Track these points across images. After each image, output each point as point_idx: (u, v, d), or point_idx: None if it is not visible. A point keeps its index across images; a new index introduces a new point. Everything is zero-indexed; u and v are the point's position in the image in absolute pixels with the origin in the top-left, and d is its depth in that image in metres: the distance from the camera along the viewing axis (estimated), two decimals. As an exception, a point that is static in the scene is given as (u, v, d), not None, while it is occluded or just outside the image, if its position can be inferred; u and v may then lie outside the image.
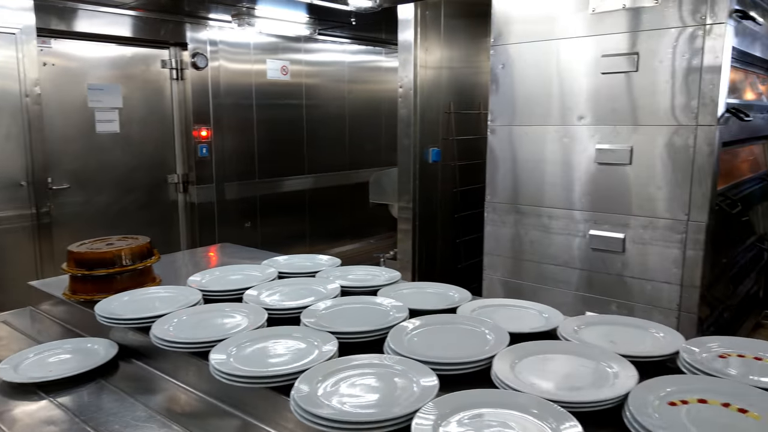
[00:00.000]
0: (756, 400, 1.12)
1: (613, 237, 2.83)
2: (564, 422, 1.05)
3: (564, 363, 1.33)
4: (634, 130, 2.74)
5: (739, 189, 3.21)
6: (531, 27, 3.01)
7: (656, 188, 2.70)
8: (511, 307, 1.73)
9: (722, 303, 3.05)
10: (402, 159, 3.56)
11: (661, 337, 1.47)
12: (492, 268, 3.30)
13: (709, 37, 2.50)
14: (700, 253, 2.61)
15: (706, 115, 2.54)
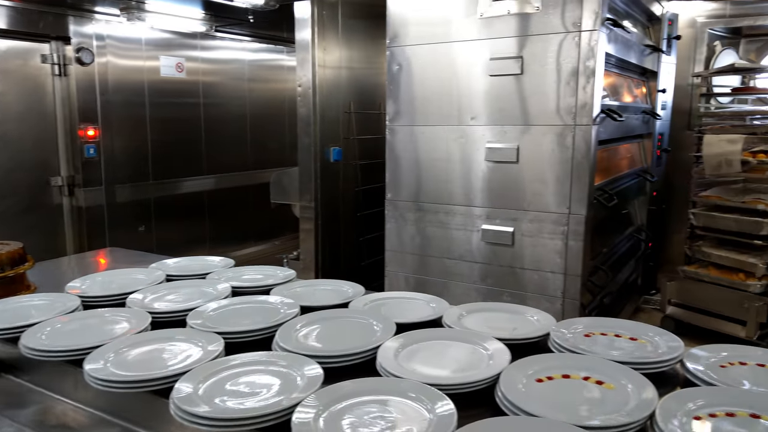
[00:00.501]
0: (611, 372, 1.23)
1: (504, 231, 2.98)
2: (437, 402, 1.10)
3: (444, 349, 1.39)
4: (520, 130, 2.90)
5: (616, 184, 3.48)
6: (426, 29, 3.10)
7: (541, 184, 2.87)
8: (401, 300, 1.78)
9: (603, 289, 3.29)
10: (303, 158, 3.56)
11: (535, 321, 1.57)
12: (394, 264, 3.36)
13: (584, 43, 2.70)
14: (581, 244, 2.81)
15: (583, 116, 2.74)
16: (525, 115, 2.88)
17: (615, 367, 1.25)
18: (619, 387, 1.19)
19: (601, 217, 3.20)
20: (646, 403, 1.10)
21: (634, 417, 1.06)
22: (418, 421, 1.06)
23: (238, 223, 5.20)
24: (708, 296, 4.02)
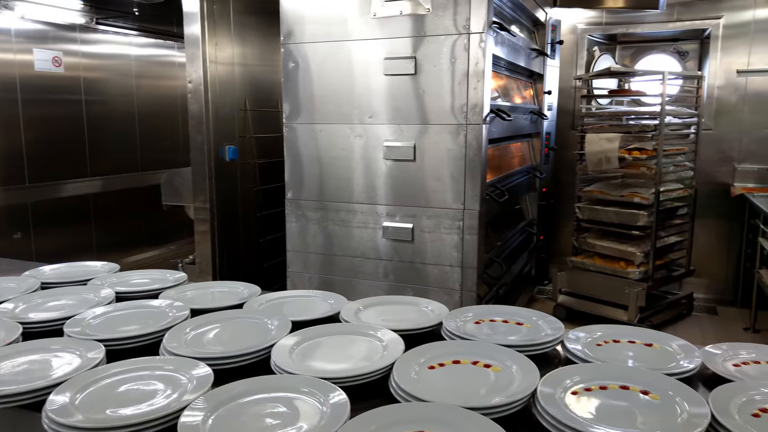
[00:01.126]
0: (498, 356, 1.29)
1: (404, 227, 3.04)
2: (330, 394, 1.10)
3: (340, 343, 1.39)
4: (416, 129, 2.96)
5: (508, 181, 3.65)
6: (322, 28, 3.09)
7: (437, 181, 2.95)
8: (298, 298, 1.75)
9: (499, 281, 3.44)
10: (195, 157, 3.42)
11: (429, 311, 1.61)
12: (296, 264, 3.32)
13: (472, 45, 2.80)
14: (476, 238, 2.92)
15: (474, 115, 2.84)
16: (421, 114, 2.95)
17: (501, 350, 1.31)
18: (505, 369, 1.24)
19: (494, 212, 3.34)
20: (529, 382, 1.16)
21: (518, 396, 1.11)
22: (310, 415, 1.05)
23: (128, 228, 4.90)
24: (594, 284, 4.32)
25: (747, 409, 1.07)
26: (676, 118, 4.43)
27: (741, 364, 1.31)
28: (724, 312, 4.82)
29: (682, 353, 1.34)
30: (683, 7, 4.88)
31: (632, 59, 5.43)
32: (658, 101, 4.07)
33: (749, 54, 4.79)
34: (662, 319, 4.36)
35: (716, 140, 4.93)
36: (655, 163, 4.08)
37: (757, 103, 4.82)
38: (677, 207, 4.50)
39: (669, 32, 5.10)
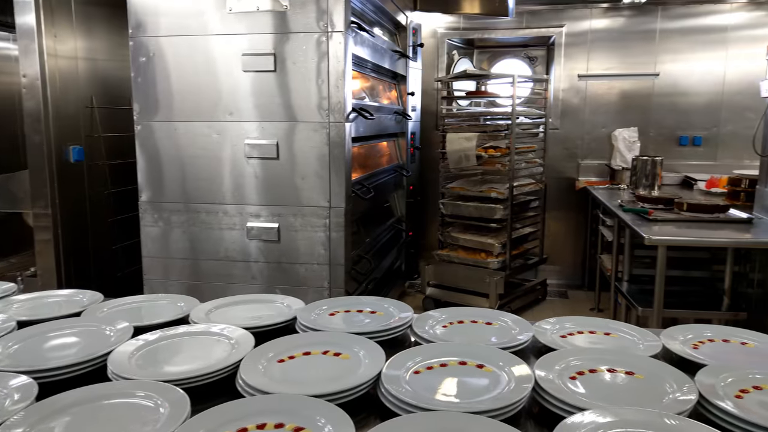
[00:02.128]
0: (348, 344, 1.31)
1: (270, 227, 2.99)
2: (169, 396, 1.05)
3: (187, 345, 1.34)
4: (279, 126, 2.93)
5: (374, 179, 3.73)
6: (178, 20, 2.96)
7: (302, 179, 2.94)
8: (147, 303, 1.67)
9: (367, 277, 3.50)
10: (33, 159, 3.12)
11: (284, 306, 1.60)
12: (155, 271, 3.15)
13: (332, 44, 2.83)
14: (342, 235, 2.94)
15: (336, 113, 2.87)
16: (283, 112, 2.92)
17: (352, 338, 1.33)
18: (354, 356, 1.26)
19: (361, 210, 3.40)
20: (375, 366, 1.19)
21: (363, 380, 1.13)
22: (145, 421, 1.00)
23: (-42, 241, 4.35)
24: (458, 275, 4.55)
25: (566, 372, 1.18)
26: (526, 118, 4.79)
27: (567, 335, 1.44)
28: (573, 295, 5.30)
29: (517, 328, 1.44)
30: (531, 16, 5.29)
31: (489, 63, 5.79)
32: (510, 102, 4.37)
33: (588, 60, 5.30)
34: (520, 305, 4.70)
35: (562, 139, 5.40)
36: (508, 160, 4.38)
37: (596, 104, 5.35)
38: (530, 200, 4.87)
39: (520, 38, 5.50)
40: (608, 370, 1.20)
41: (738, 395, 1.08)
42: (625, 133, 5.21)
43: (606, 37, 5.24)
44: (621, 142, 5.19)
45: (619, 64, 5.25)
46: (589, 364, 1.21)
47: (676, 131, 5.27)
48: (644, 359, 1.24)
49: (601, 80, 5.31)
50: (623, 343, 1.38)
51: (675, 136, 5.29)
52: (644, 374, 1.17)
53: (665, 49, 5.17)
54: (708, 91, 5.16)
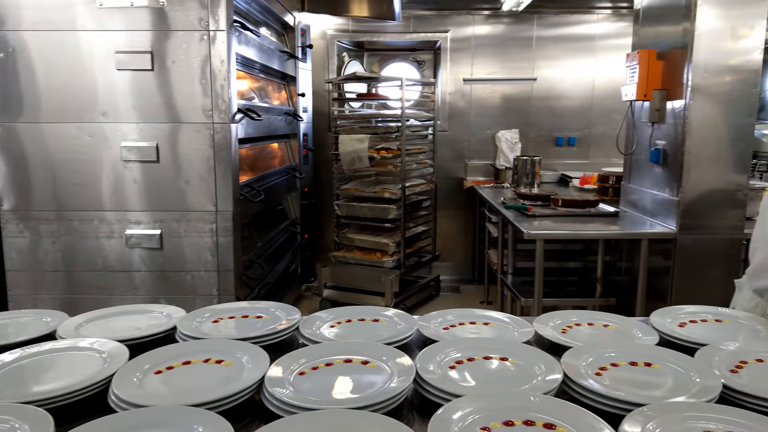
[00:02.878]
0: (231, 350, 1.27)
1: (151, 234, 2.84)
2: (27, 416, 0.97)
3: (46, 363, 1.24)
4: (159, 128, 2.80)
5: (265, 181, 3.66)
6: (43, 14, 2.74)
7: (185, 183, 2.82)
8: (7, 320, 1.52)
9: (260, 282, 3.43)
10: None
11: (164, 316, 1.52)
12: (21, 286, 2.89)
13: (214, 43, 2.74)
14: (230, 240, 2.86)
15: (221, 114, 2.79)
16: (164, 113, 2.79)
17: (235, 344, 1.30)
18: (237, 362, 1.23)
19: (252, 213, 3.32)
20: (259, 370, 1.17)
21: (246, 384, 1.11)
22: (-2, 447, 0.91)
23: None
24: (355, 276, 4.58)
25: (446, 362, 1.23)
26: (416, 120, 4.93)
27: (449, 327, 1.49)
28: (465, 290, 5.52)
29: (402, 324, 1.48)
30: (418, 21, 5.44)
31: (379, 65, 5.88)
32: (400, 105, 4.47)
33: (472, 65, 5.54)
34: (415, 301, 4.82)
35: (451, 140, 5.61)
36: (400, 161, 4.48)
37: (481, 107, 5.60)
38: (422, 200, 5.01)
39: (408, 42, 5.64)
40: (485, 357, 1.26)
41: (598, 373, 1.17)
42: (508, 134, 5.51)
43: (488, 43, 5.51)
44: (504, 143, 5.48)
45: (500, 69, 5.53)
46: (467, 353, 1.26)
47: (553, 132, 5.64)
48: (518, 345, 1.32)
49: (484, 84, 5.57)
50: (500, 332, 1.46)
51: (552, 137, 5.66)
52: (517, 359, 1.24)
53: (542, 56, 5.53)
54: (580, 95, 5.58)
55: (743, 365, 1.21)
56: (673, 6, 3.09)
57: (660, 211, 3.20)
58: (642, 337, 1.39)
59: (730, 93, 2.93)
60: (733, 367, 1.20)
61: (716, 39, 2.88)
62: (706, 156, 2.94)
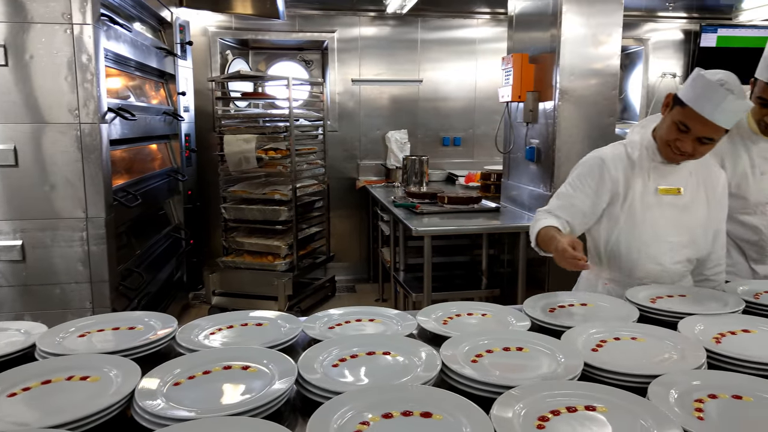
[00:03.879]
0: (98, 365, 1.18)
1: (10, 245, 2.59)
2: None
3: None
4: (17, 129, 2.55)
5: (143, 184, 3.46)
6: None
7: (50, 188, 2.60)
8: None
9: (140, 292, 3.23)
10: None
11: (21, 333, 1.39)
12: None
13: (80, 38, 2.54)
14: (104, 248, 2.67)
15: (89, 114, 2.59)
16: (22, 112, 2.55)
17: (102, 359, 1.21)
18: (105, 377, 1.15)
19: (128, 219, 3.13)
20: (129, 384, 1.09)
21: (114, 400, 1.03)
22: None
23: None
24: (246, 281, 4.45)
25: (329, 361, 1.22)
26: (306, 120, 4.88)
27: (335, 326, 1.49)
28: (361, 288, 5.56)
29: (287, 326, 1.45)
30: (304, 20, 5.39)
31: (266, 64, 5.77)
32: (288, 104, 4.41)
33: (360, 65, 5.58)
34: (310, 303, 4.77)
35: (342, 140, 5.62)
36: (289, 161, 4.41)
37: (370, 108, 5.66)
38: (314, 201, 4.97)
39: (295, 41, 5.58)
40: (368, 353, 1.26)
41: (474, 360, 1.22)
42: (397, 134, 5.61)
43: (375, 45, 5.58)
44: (393, 143, 5.58)
45: (387, 70, 5.63)
46: (350, 351, 1.26)
47: (440, 133, 5.83)
48: (400, 339, 1.34)
49: (372, 85, 5.63)
50: (384, 327, 1.47)
51: (439, 137, 5.84)
52: (399, 352, 1.26)
53: (427, 58, 5.69)
54: (464, 96, 5.80)
55: (603, 344, 1.31)
56: (541, 13, 3.31)
57: (536, 206, 3.39)
58: (516, 323, 1.47)
59: (593, 95, 3.18)
60: (594, 346, 1.29)
61: (580, 45, 3.12)
62: (573, 153, 3.16)
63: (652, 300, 1.62)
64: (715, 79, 1.53)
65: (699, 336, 1.34)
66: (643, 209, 1.74)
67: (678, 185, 1.76)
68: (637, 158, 1.77)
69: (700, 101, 1.55)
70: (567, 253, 1.51)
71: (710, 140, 1.61)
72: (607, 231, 1.80)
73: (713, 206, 1.81)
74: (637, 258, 1.77)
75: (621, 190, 1.76)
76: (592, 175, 1.78)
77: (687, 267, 1.82)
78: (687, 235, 1.77)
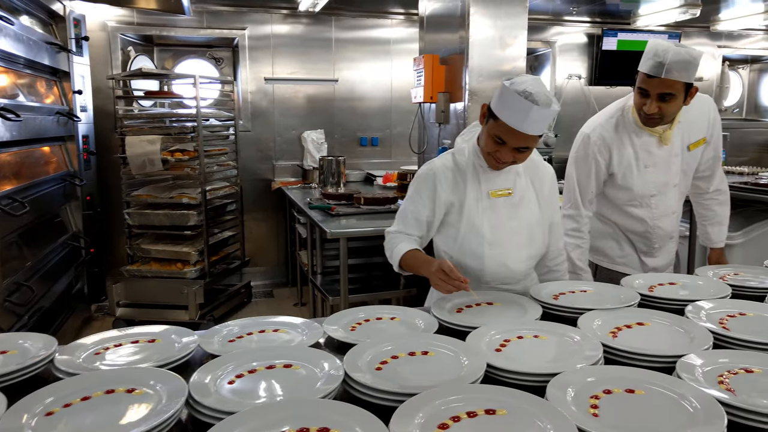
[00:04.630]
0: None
1: None
2: None
3: None
4: None
5: (32, 191, 3.19)
6: None
7: None
8: None
9: (31, 307, 2.97)
10: None
11: None
12: None
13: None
14: (-15, 261, 2.43)
15: (-37, 112, 2.34)
16: None
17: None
18: None
19: (16, 229, 2.87)
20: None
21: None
22: None
23: None
24: (153, 290, 4.22)
25: (223, 379, 1.14)
26: (217, 120, 4.70)
27: (236, 339, 1.41)
28: (279, 293, 5.42)
29: (181, 341, 1.35)
30: (212, 16, 5.19)
31: (173, 62, 5.50)
32: (195, 104, 4.22)
33: (273, 64, 5.45)
34: (224, 311, 4.59)
35: (255, 140, 5.46)
36: (198, 163, 4.22)
37: (285, 107, 5.54)
38: (226, 204, 4.79)
39: (203, 38, 5.36)
40: (267, 367, 1.20)
41: (378, 368, 1.18)
42: (313, 134, 5.53)
43: (288, 43, 5.46)
44: (310, 144, 5.48)
45: (301, 69, 5.52)
46: (248, 366, 1.19)
47: (357, 133, 5.80)
48: (303, 350, 1.28)
49: (287, 84, 5.51)
50: (290, 337, 1.41)
51: (357, 137, 5.81)
52: (301, 365, 1.20)
53: (342, 57, 5.63)
54: (380, 96, 5.80)
55: (506, 343, 1.31)
56: (451, 15, 3.34)
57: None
58: (422, 326, 1.45)
59: (501, 95, 3.24)
60: (498, 346, 1.29)
61: (487, 47, 3.18)
62: (484, 152, 3.21)
63: (555, 297, 1.66)
64: (520, 90, 1.56)
65: (597, 331, 1.37)
66: (479, 214, 1.77)
67: (508, 186, 1.80)
68: (467, 166, 1.79)
69: (509, 115, 1.59)
70: (453, 274, 1.54)
71: (527, 148, 1.66)
72: (451, 241, 1.81)
73: (543, 202, 1.86)
74: (482, 263, 1.78)
75: (455, 199, 1.79)
76: (427, 187, 1.80)
77: (529, 264, 1.86)
78: (524, 234, 1.81)
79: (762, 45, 6.74)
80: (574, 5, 5.59)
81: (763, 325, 1.42)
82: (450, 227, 1.81)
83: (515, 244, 1.80)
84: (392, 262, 1.80)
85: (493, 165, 1.74)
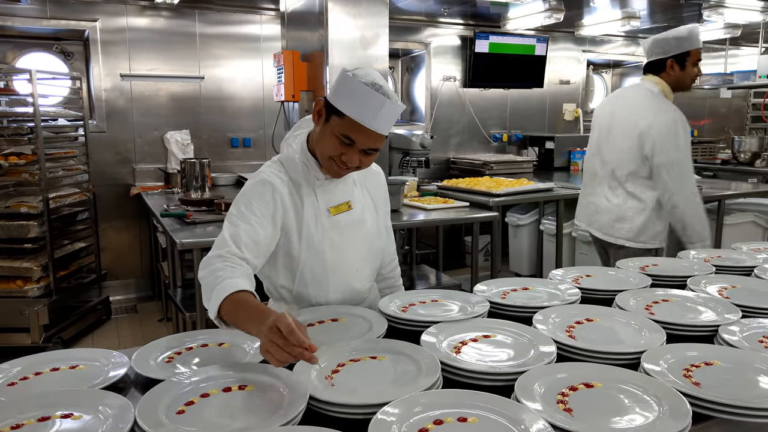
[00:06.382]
0: None
1: None
2: None
3: None
4: None
5: None
6: None
7: None
8: None
9: None
10: None
11: None
12: None
13: None
14: None
15: None
16: None
17: None
18: None
19: None
20: None
21: None
22: None
23: None
24: (-15, 313, 3.70)
25: None
26: (65, 120, 4.23)
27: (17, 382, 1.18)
28: (144, 308, 5.00)
29: None
30: (56, 6, 4.68)
31: (15, 55, 4.91)
32: (32, 102, 3.75)
33: (130, 59, 5.02)
34: (76, 331, 4.15)
35: (112, 142, 5.00)
36: (38, 168, 3.77)
37: (145, 106, 5.12)
38: (77, 212, 4.34)
39: (49, 30, 4.82)
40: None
41: (180, 410, 1.02)
42: (178, 135, 5.16)
43: (148, 38, 5.05)
44: (174, 145, 5.12)
45: (163, 65, 5.14)
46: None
47: (228, 133, 5.50)
48: (89, 395, 1.09)
49: (146, 81, 5.10)
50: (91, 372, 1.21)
51: (227, 138, 5.51)
52: (85, 414, 1.01)
53: (208, 54, 5.31)
54: (251, 95, 5.53)
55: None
56: (310, 12, 3.22)
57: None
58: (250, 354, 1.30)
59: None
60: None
61: (348, 45, 3.09)
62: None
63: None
64: (368, 82, 1.38)
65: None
66: (320, 236, 1.55)
67: (346, 199, 1.61)
68: (300, 178, 1.55)
69: (358, 109, 1.38)
70: (292, 337, 1.05)
71: (375, 150, 1.47)
72: (290, 272, 1.58)
73: (381, 208, 1.73)
74: (326, 291, 1.60)
75: (293, 221, 1.54)
76: (265, 202, 1.49)
77: (373, 278, 1.74)
78: (366, 249, 1.65)
79: (622, 50, 7.26)
80: (446, 6, 5.65)
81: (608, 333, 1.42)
82: (290, 258, 1.56)
83: (359, 261, 1.64)
84: (208, 306, 1.30)
85: (334, 172, 1.50)
